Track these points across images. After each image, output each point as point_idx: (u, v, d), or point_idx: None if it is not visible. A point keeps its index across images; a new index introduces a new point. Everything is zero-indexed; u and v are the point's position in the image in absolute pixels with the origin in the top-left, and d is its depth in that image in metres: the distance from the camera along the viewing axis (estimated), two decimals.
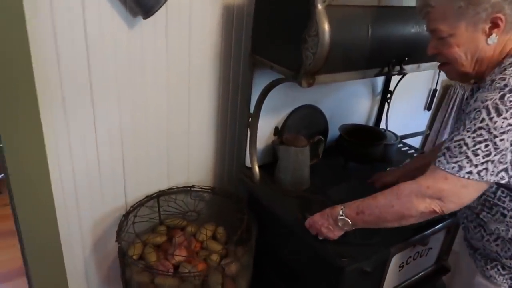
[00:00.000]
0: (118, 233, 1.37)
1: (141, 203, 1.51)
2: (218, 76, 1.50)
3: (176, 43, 1.36)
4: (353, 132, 1.67)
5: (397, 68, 1.32)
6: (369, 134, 1.69)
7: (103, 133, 1.35)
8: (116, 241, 1.35)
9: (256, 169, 1.50)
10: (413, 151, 1.94)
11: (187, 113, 1.50)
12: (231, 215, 1.52)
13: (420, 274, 1.53)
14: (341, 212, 1.11)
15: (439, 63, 1.05)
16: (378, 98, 1.93)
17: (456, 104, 2.43)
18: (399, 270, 1.38)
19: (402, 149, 1.94)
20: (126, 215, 1.45)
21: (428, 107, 2.45)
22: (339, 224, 1.12)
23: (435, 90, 2.39)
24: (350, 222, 1.10)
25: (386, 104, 1.93)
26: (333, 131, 1.76)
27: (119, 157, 1.42)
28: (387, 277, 1.32)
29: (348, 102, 1.81)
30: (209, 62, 1.45)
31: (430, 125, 2.61)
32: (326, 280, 1.26)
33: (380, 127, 1.99)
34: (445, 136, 2.49)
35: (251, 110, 1.42)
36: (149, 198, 1.54)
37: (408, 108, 2.27)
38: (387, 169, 1.60)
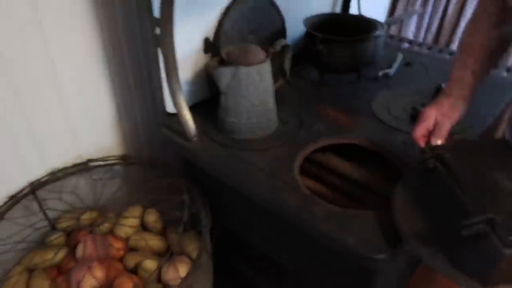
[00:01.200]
0: None
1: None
2: None
3: None
4: (324, 27, 1.08)
5: None
6: (346, 27, 1.11)
7: None
8: None
9: (187, 115, 0.87)
10: (404, 43, 1.39)
11: (42, 46, 0.80)
12: (164, 195, 0.94)
13: None
14: None
15: None
16: None
17: None
18: None
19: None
20: None
21: None
22: None
23: None
24: None
25: None
26: (293, 32, 1.14)
27: None
28: None
29: None
30: None
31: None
32: (340, 277, 0.76)
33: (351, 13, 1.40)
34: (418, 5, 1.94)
35: (156, 13, 0.75)
36: (14, 201, 0.89)
37: None
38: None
